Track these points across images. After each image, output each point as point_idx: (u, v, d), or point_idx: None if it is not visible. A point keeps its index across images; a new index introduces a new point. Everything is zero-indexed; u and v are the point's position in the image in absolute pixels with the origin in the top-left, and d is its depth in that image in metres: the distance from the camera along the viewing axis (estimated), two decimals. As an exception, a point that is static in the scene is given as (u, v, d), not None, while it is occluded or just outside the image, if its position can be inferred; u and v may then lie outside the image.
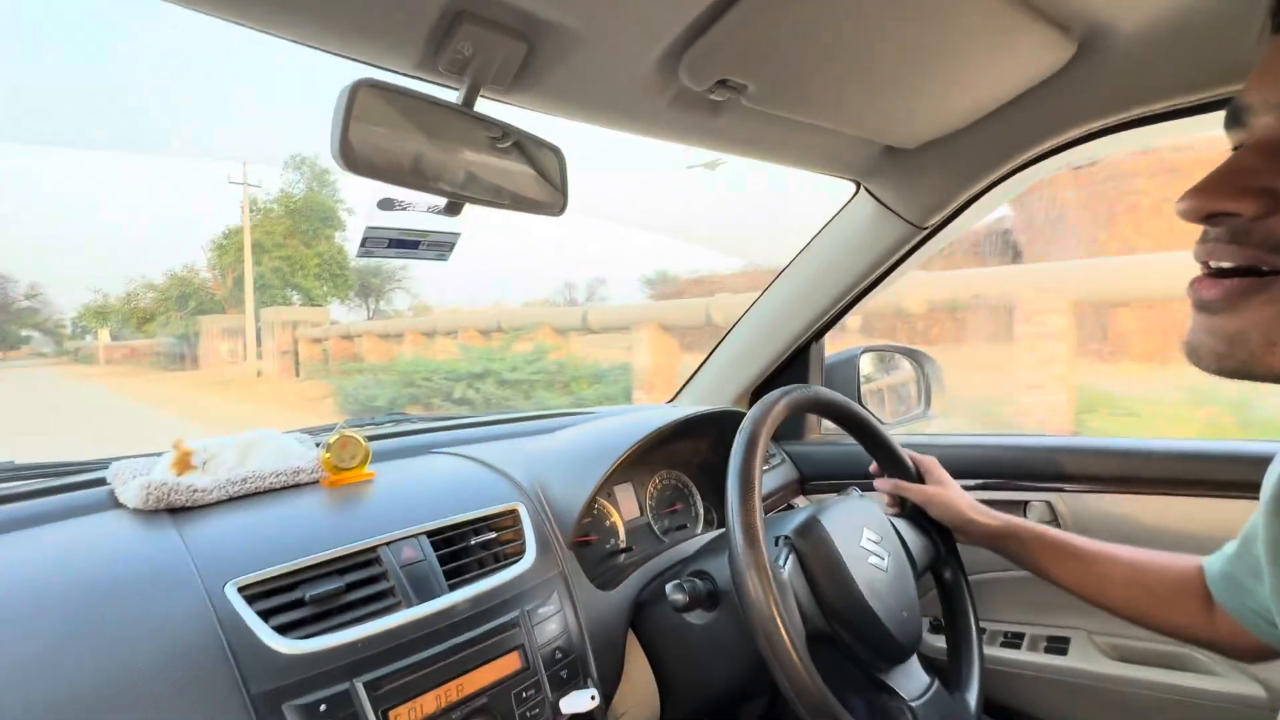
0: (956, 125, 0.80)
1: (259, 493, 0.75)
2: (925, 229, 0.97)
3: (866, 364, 1.39)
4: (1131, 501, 0.95)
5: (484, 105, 0.61)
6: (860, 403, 1.32)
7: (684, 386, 1.39)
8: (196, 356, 20.46)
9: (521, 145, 0.64)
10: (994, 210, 0.97)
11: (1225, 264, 0.36)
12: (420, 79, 0.58)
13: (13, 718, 0.45)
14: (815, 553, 0.68)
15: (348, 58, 0.54)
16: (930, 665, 0.75)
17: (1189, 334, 0.38)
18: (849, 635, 0.68)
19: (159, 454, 0.80)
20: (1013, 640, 1.04)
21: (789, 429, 1.32)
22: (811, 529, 0.70)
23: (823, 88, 0.68)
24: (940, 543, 0.85)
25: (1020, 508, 1.03)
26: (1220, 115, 0.67)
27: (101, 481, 0.76)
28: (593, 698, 0.68)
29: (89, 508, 0.71)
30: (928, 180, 0.91)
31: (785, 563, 0.67)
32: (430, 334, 13.88)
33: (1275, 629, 0.57)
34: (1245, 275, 0.35)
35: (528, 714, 0.65)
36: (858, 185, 0.98)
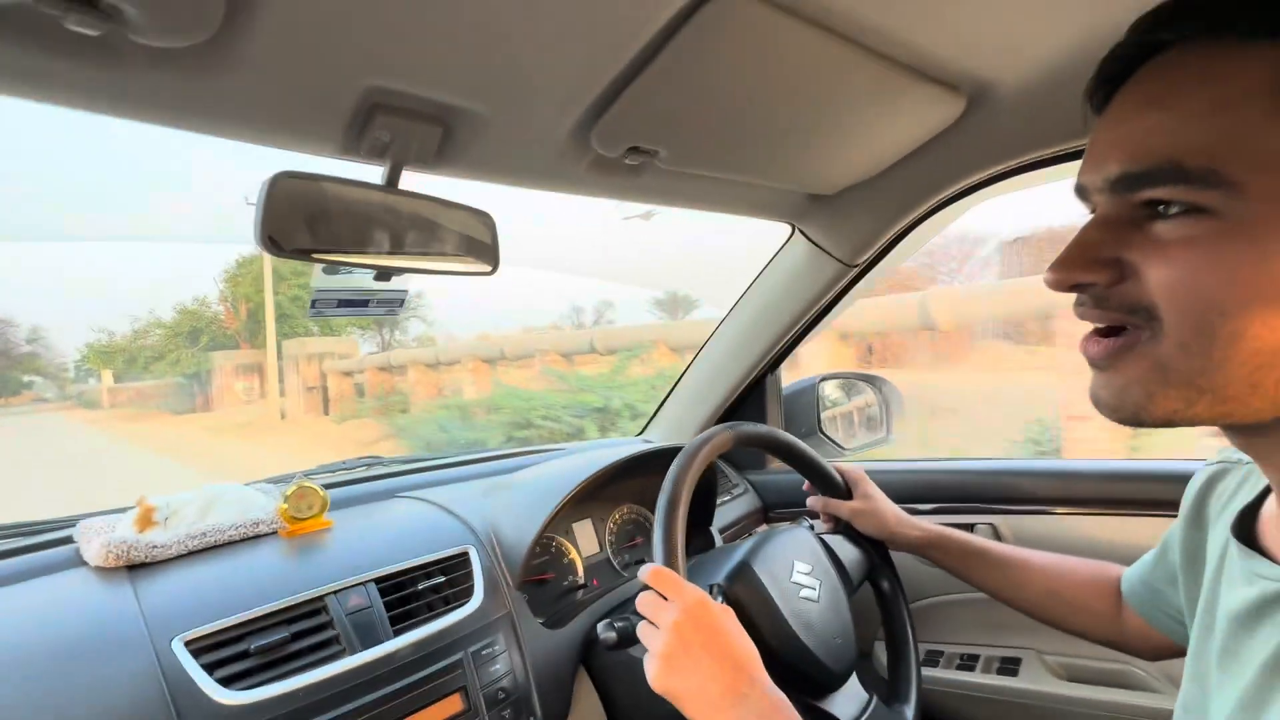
0: (868, 173, 0.86)
1: (217, 546, 0.79)
2: (856, 266, 1.02)
3: (826, 391, 1.43)
4: (1069, 521, 0.98)
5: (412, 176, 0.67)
6: (820, 429, 1.36)
7: (652, 418, 1.43)
8: (209, 397, 19.05)
9: (450, 213, 0.69)
10: (922, 246, 1.02)
11: (1098, 325, 0.41)
12: (346, 160, 0.63)
13: None
14: (747, 596, 0.71)
15: (275, 147, 0.59)
16: (879, 679, 0.78)
17: (1091, 388, 0.42)
18: (785, 672, 0.70)
19: (126, 509, 0.84)
20: (968, 662, 1.05)
21: (750, 459, 1.35)
22: (742, 573, 0.72)
23: (730, 149, 0.74)
24: (873, 554, 0.88)
25: (967, 531, 1.06)
26: None
27: (69, 539, 0.80)
28: None
29: (56, 566, 0.74)
30: (853, 222, 0.96)
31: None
32: (492, 360, 12.43)
33: (1185, 629, 0.61)
34: (1120, 334, 0.39)
35: None
36: (792, 227, 1.04)
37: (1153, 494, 0.92)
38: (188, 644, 0.61)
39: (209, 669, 0.60)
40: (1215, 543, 0.52)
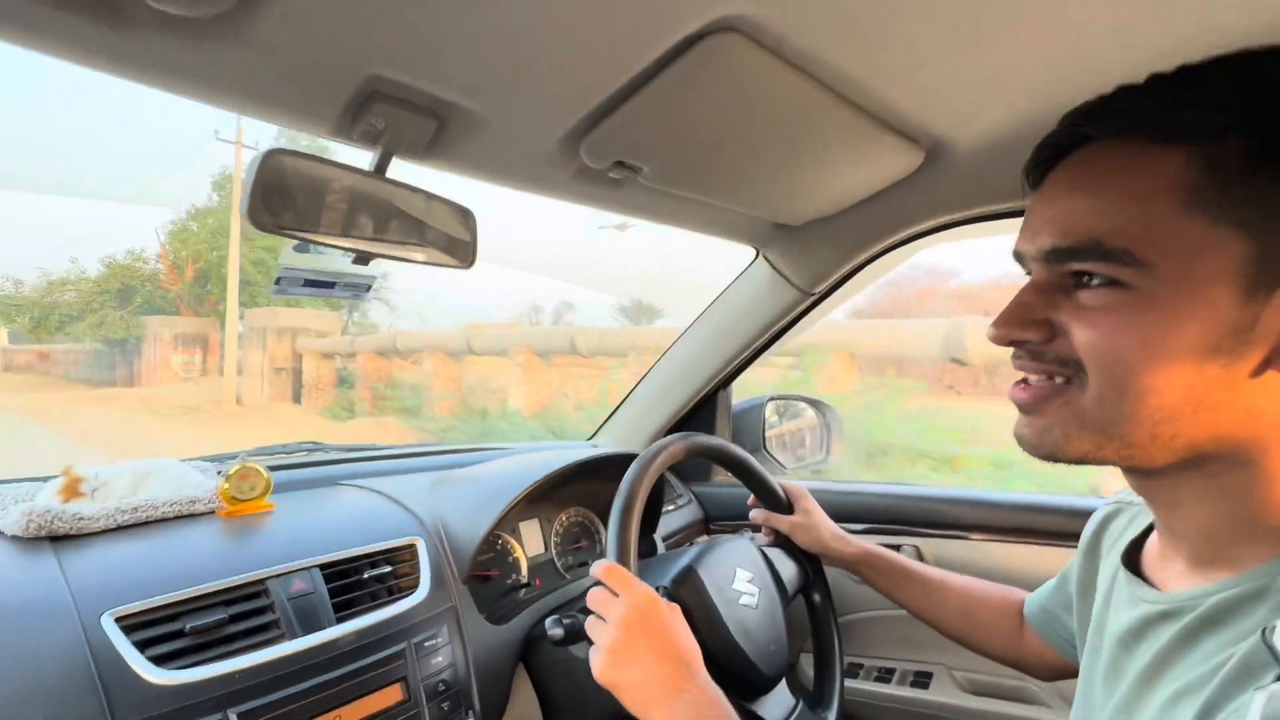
0: (830, 210, 0.92)
1: (151, 522, 0.76)
2: (813, 294, 1.08)
3: (772, 411, 1.49)
4: (984, 546, 1.06)
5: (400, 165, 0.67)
6: (764, 447, 1.42)
7: (603, 425, 1.45)
8: (135, 369, 15.77)
9: (432, 206, 0.70)
10: (874, 282, 1.09)
11: (1030, 377, 0.47)
12: (337, 142, 0.63)
13: None
14: (691, 600, 0.74)
15: (269, 122, 0.59)
16: (802, 688, 0.82)
17: (1015, 427, 0.48)
18: (720, 673, 0.73)
19: (46, 479, 0.79)
20: (885, 675, 1.12)
21: (695, 471, 1.39)
22: (688, 578, 0.76)
23: (708, 175, 0.78)
24: (809, 568, 0.93)
25: (895, 550, 1.13)
26: None
27: (-20, 506, 0.75)
28: None
29: None
30: (813, 253, 1.02)
31: None
32: (457, 354, 10.99)
33: (1077, 651, 0.67)
34: (1049, 381, 0.45)
35: None
36: (757, 251, 1.09)
37: (1058, 526, 1.01)
38: (118, 620, 0.59)
39: (140, 647, 0.58)
40: (1106, 572, 0.58)
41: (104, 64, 0.46)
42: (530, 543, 1.06)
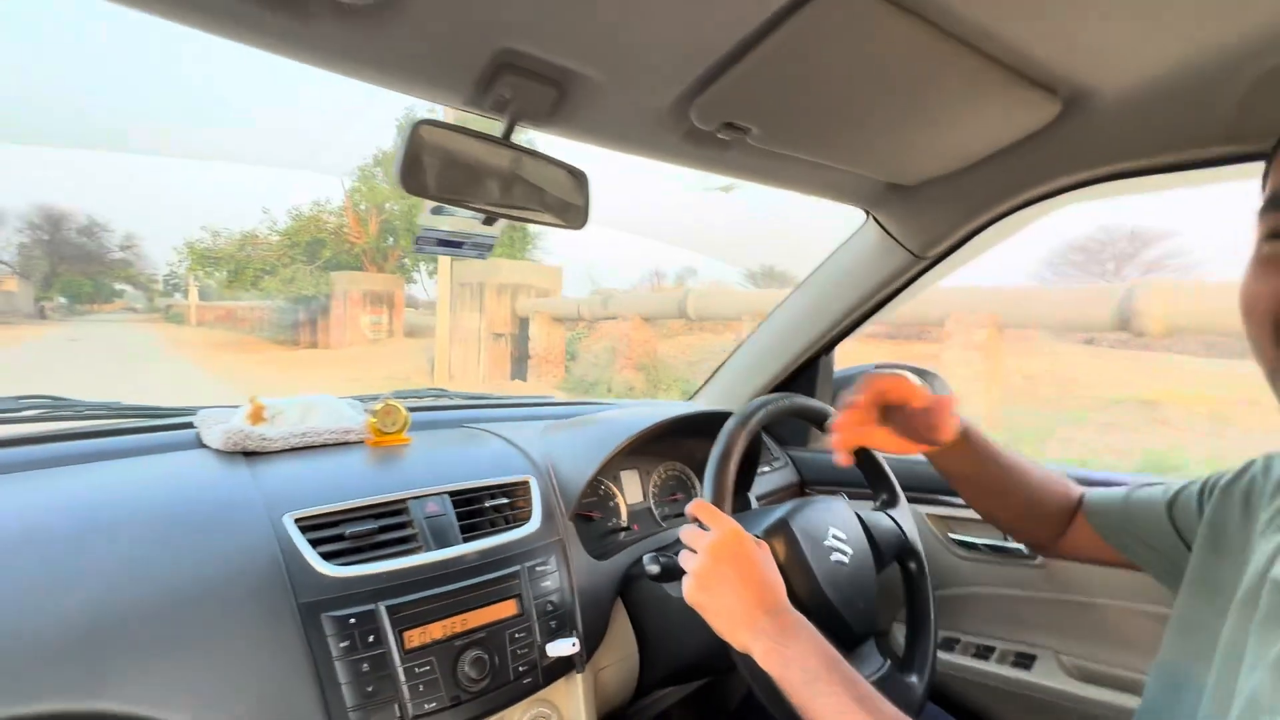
0: (951, 168, 0.87)
1: (314, 446, 0.89)
2: (926, 259, 1.04)
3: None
4: None
5: (522, 133, 0.73)
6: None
7: (703, 385, 1.49)
8: (319, 328, 14.83)
9: (551, 169, 0.75)
10: (994, 246, 1.02)
11: None
12: (468, 112, 0.69)
13: (113, 609, 0.59)
14: (782, 550, 0.76)
15: (413, 95, 0.66)
16: (893, 653, 0.83)
17: None
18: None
19: (236, 406, 0.95)
20: (982, 652, 1.09)
21: (793, 434, 1.40)
22: (780, 528, 0.78)
23: (820, 134, 0.77)
24: (905, 533, 0.92)
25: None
26: (1199, 174, 0.73)
27: (189, 425, 0.92)
28: (574, 644, 0.79)
29: (179, 446, 0.86)
30: (928, 214, 0.98)
31: None
32: (567, 320, 9.20)
33: (1162, 563, 0.70)
34: None
35: (517, 651, 0.76)
36: (866, 213, 1.06)
37: None
38: (297, 521, 0.71)
39: (312, 544, 0.70)
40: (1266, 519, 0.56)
41: (287, 50, 0.55)
42: (630, 491, 1.13)
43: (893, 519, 0.92)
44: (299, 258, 15.26)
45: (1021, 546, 1.06)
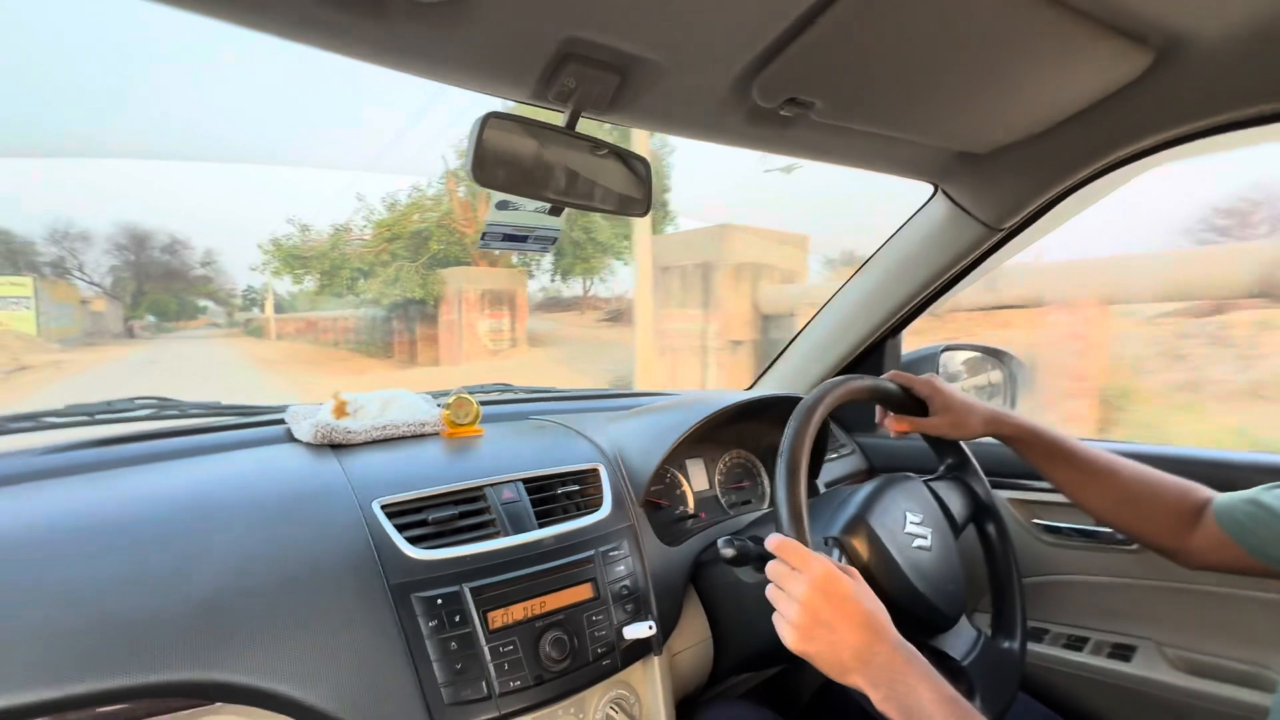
0: (1029, 132, 0.83)
1: (393, 438, 0.93)
2: (1001, 230, 0.99)
3: (948, 362, 1.40)
4: None
5: (586, 123, 0.74)
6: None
7: (765, 371, 1.47)
8: (414, 337, 12.62)
9: (615, 157, 0.76)
10: (1074, 216, 0.97)
11: None
12: (532, 105, 0.71)
13: (224, 591, 0.63)
14: (863, 548, 0.74)
15: (479, 91, 0.68)
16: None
17: None
18: (902, 617, 0.71)
19: (321, 404, 1.00)
20: (1075, 643, 1.04)
21: (860, 420, 1.36)
22: (857, 528, 0.75)
23: (888, 104, 0.74)
24: (978, 494, 0.89)
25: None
26: None
27: (280, 421, 0.98)
28: (650, 627, 0.80)
29: (272, 440, 0.92)
30: (1003, 184, 0.93)
31: (839, 560, 0.74)
32: None
33: None
34: None
35: (595, 633, 0.78)
36: (935, 186, 1.02)
37: None
38: (383, 507, 0.74)
39: (399, 529, 0.73)
40: None
41: (362, 52, 0.57)
42: (696, 479, 1.13)
43: (963, 482, 0.89)
44: (400, 254, 12.46)
45: (1113, 530, 1.00)
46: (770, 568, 0.68)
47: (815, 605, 0.63)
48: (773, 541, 0.68)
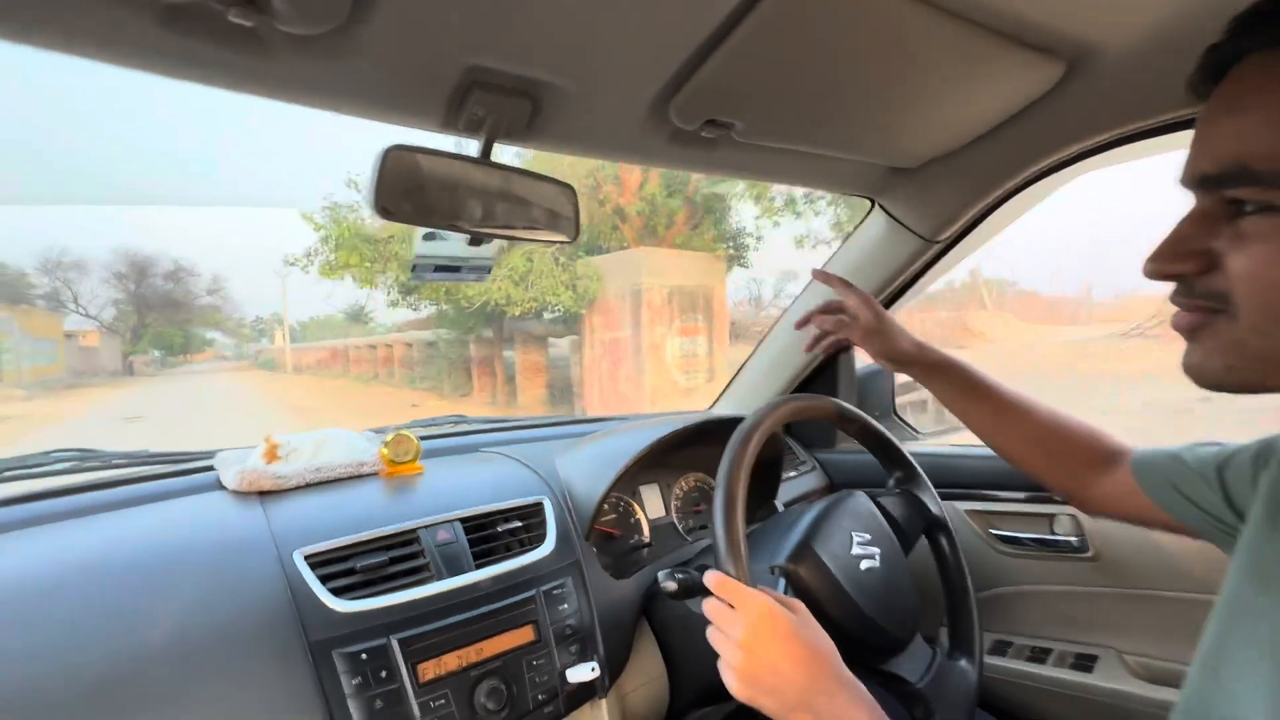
0: (954, 145, 0.83)
1: (329, 480, 0.90)
2: (938, 242, 0.99)
3: (904, 376, 1.40)
4: None
5: (504, 150, 0.72)
6: (895, 413, 1.34)
7: (724, 391, 1.45)
8: (493, 365, 8.73)
9: (535, 185, 0.74)
10: (1009, 224, 0.97)
11: (1183, 312, 0.45)
12: (445, 134, 0.69)
13: (127, 658, 0.58)
14: (809, 575, 0.72)
15: (385, 122, 0.66)
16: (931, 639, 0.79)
17: (1181, 358, 0.46)
18: (852, 644, 0.70)
19: (253, 447, 0.96)
20: (1038, 655, 1.02)
21: (819, 437, 1.35)
22: (803, 554, 0.73)
23: (807, 122, 0.74)
24: (926, 505, 0.87)
25: (1046, 521, 1.02)
26: None
27: (210, 468, 0.93)
28: (593, 669, 0.76)
29: (200, 488, 0.88)
30: (936, 196, 0.93)
31: (784, 592, 0.71)
32: None
33: (1215, 528, 0.64)
34: (1200, 314, 0.44)
35: (537, 679, 0.74)
36: (872, 201, 1.02)
37: None
38: (306, 558, 0.71)
39: (323, 580, 0.69)
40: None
41: (253, 88, 0.55)
42: (651, 505, 1.10)
43: (912, 495, 0.87)
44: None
45: (1073, 538, 1.00)
46: (707, 606, 0.65)
47: (756, 647, 0.60)
48: (711, 579, 0.65)
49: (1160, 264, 0.44)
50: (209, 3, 0.43)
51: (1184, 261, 0.43)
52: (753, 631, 0.60)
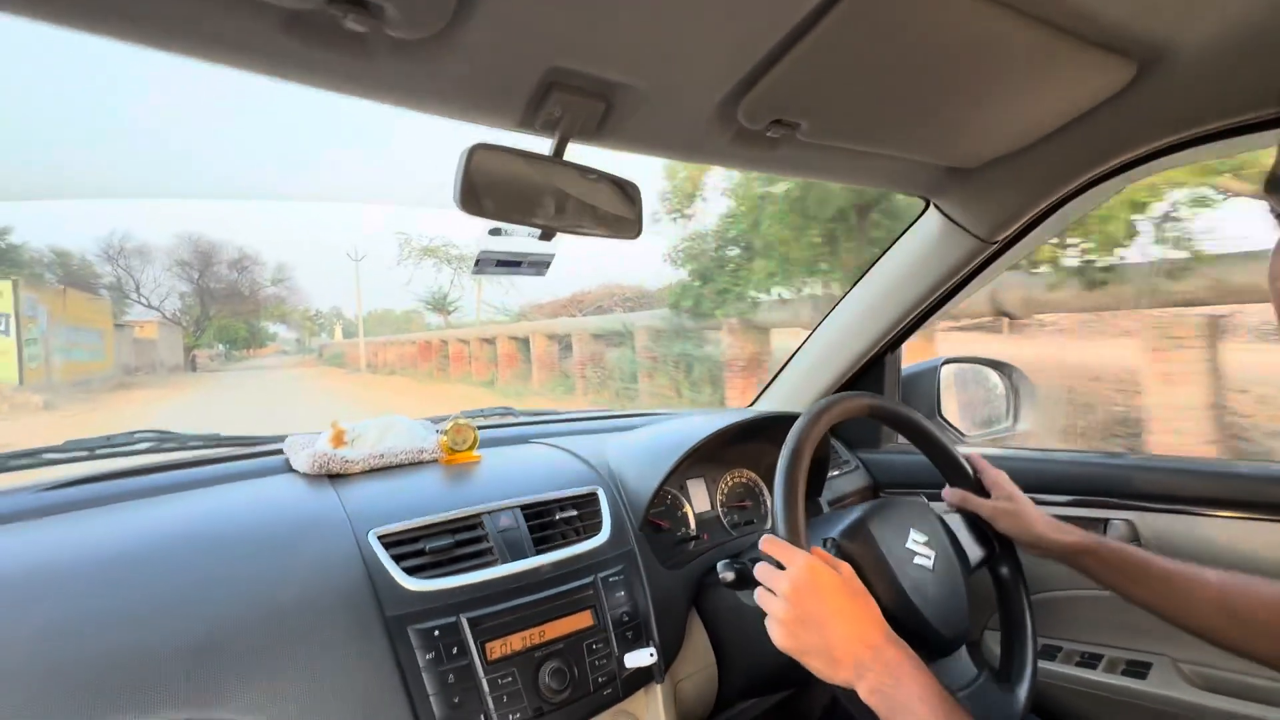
0: (1018, 145, 0.83)
1: (392, 466, 0.93)
2: (994, 243, 0.99)
3: (949, 376, 1.39)
4: (1215, 524, 0.91)
5: (575, 148, 0.74)
6: (940, 414, 1.34)
7: (764, 390, 1.46)
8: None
9: (604, 182, 0.76)
10: (1066, 225, 0.97)
11: None
12: (521, 133, 0.72)
13: (217, 627, 0.62)
14: (861, 554, 0.73)
15: (467, 121, 0.69)
16: (988, 664, 0.78)
17: None
18: (895, 629, 0.72)
19: (319, 433, 1.01)
20: (1089, 660, 1.02)
21: (864, 437, 1.35)
22: (857, 531, 0.75)
23: (873, 123, 0.75)
24: (996, 542, 0.86)
25: (1100, 525, 1.01)
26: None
27: (279, 452, 0.98)
28: (651, 654, 0.78)
29: (271, 471, 0.92)
30: (994, 197, 0.93)
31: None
32: None
33: None
34: None
35: (596, 662, 0.76)
36: (927, 201, 1.02)
37: None
38: (380, 537, 0.74)
39: (395, 559, 0.73)
40: None
41: (351, 89, 0.58)
42: (698, 500, 1.11)
43: (981, 528, 0.86)
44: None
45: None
46: (758, 569, 0.67)
47: (800, 599, 0.61)
48: (763, 541, 0.68)
49: None
50: (328, 9, 0.46)
51: None
52: (797, 585, 0.62)
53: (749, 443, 1.17)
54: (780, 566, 0.66)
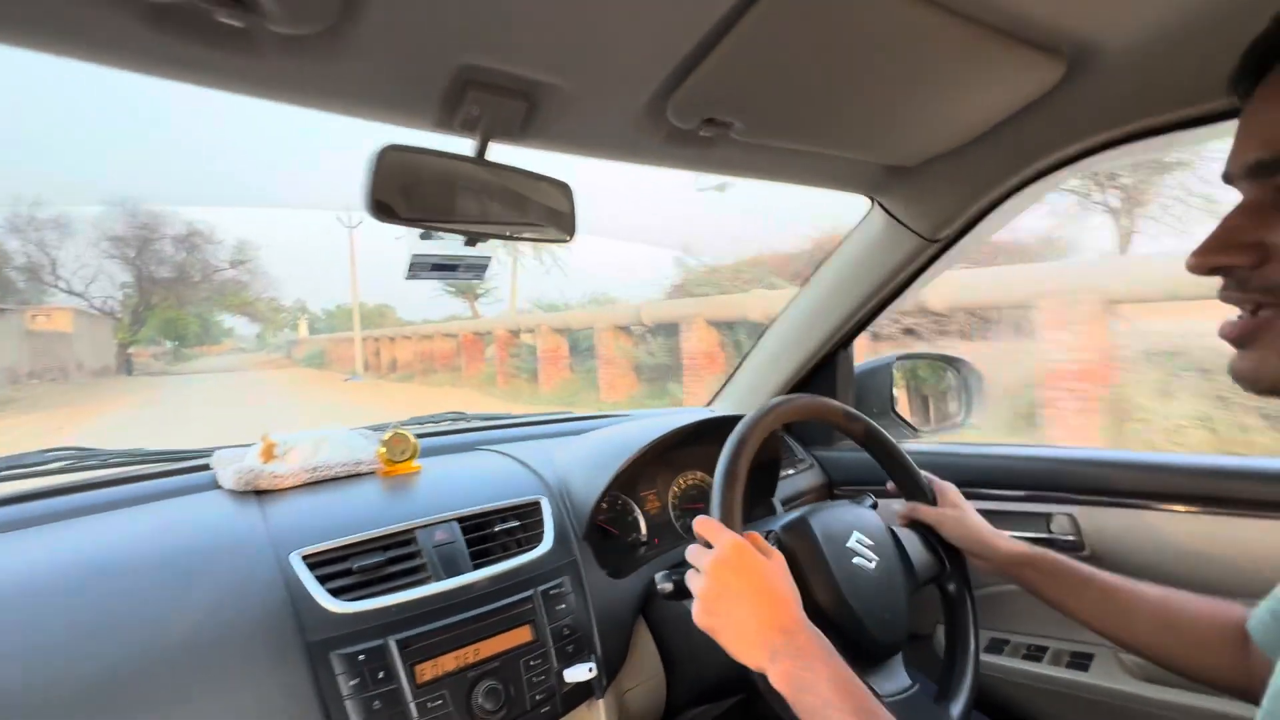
0: (955, 143, 0.82)
1: (326, 480, 0.89)
2: (937, 241, 0.99)
3: (902, 372, 1.40)
4: (1158, 517, 0.92)
5: (503, 150, 0.72)
6: (893, 410, 1.34)
7: (720, 390, 1.45)
8: None
9: (532, 184, 0.74)
10: (1010, 221, 0.97)
11: (1236, 309, 0.44)
12: (441, 134, 0.68)
13: (126, 661, 0.58)
14: (800, 548, 0.72)
15: (380, 122, 0.66)
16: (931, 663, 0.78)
17: (1229, 363, 0.45)
18: (827, 632, 0.71)
19: (250, 445, 0.96)
20: (1034, 653, 1.03)
21: (819, 435, 1.35)
22: (798, 526, 0.74)
23: (807, 121, 0.74)
24: (946, 559, 0.85)
25: (1043, 520, 1.02)
26: (1215, 128, 0.68)
27: (207, 467, 0.93)
28: (590, 669, 0.76)
29: (196, 488, 0.87)
30: (935, 195, 0.93)
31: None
32: None
33: None
34: (1254, 316, 0.42)
35: (534, 679, 0.74)
36: (871, 200, 1.01)
37: (1261, 493, 0.85)
38: (304, 558, 0.71)
39: (320, 580, 0.69)
40: None
41: (244, 88, 0.55)
42: (649, 504, 1.10)
43: (931, 541, 0.85)
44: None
45: (1070, 537, 0.99)
46: (690, 549, 0.67)
47: (722, 575, 0.61)
48: (697, 522, 0.67)
49: (1208, 257, 0.43)
50: (195, 2, 0.42)
51: (1236, 253, 0.42)
52: (720, 561, 0.62)
53: (701, 445, 1.15)
54: (710, 547, 0.65)
